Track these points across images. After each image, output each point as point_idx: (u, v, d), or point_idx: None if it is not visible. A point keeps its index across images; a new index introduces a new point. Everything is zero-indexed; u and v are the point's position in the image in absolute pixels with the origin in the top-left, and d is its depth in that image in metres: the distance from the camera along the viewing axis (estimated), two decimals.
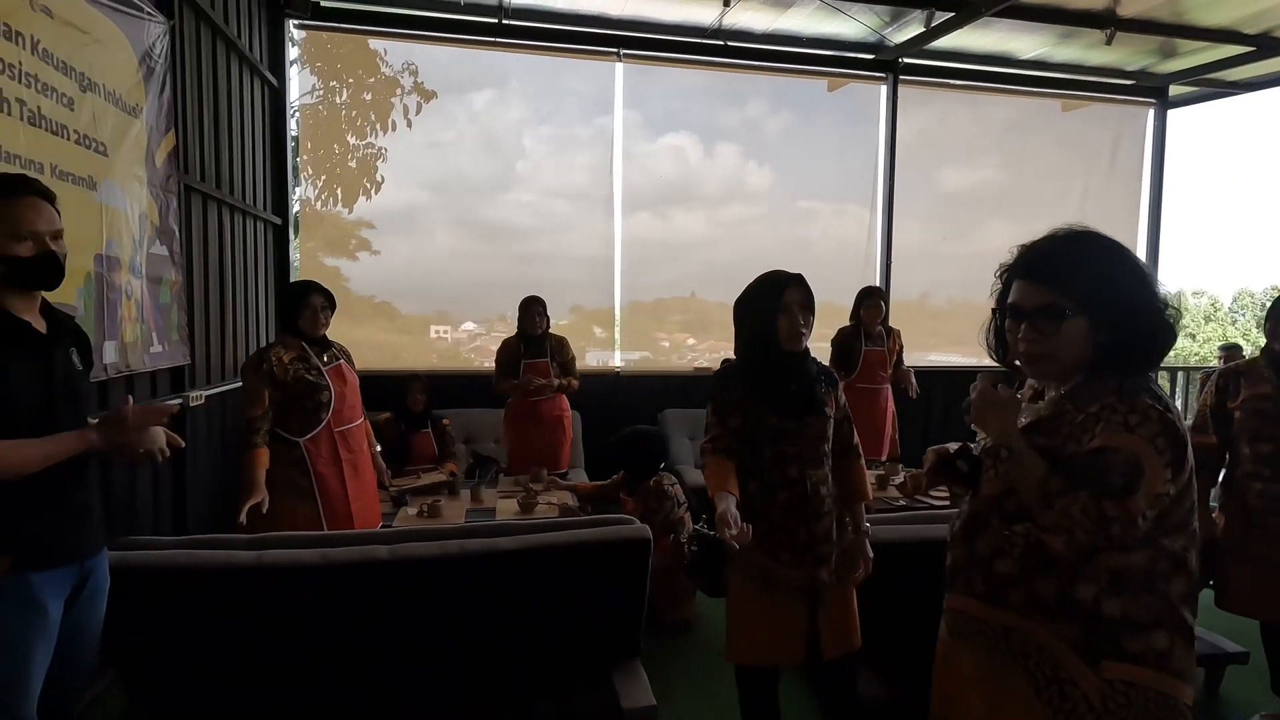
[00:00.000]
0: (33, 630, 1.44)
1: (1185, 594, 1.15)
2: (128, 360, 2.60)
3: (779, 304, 1.84)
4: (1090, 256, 1.21)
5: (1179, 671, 1.14)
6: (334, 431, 2.75)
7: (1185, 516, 1.16)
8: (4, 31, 1.91)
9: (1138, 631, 1.12)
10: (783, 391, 1.84)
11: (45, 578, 1.46)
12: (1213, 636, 2.69)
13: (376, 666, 2.09)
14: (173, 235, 3.03)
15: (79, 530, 1.54)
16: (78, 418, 1.53)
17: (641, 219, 5.72)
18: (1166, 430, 1.09)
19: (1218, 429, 2.45)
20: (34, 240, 1.42)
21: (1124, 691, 1.12)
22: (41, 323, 1.50)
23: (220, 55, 3.68)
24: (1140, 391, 1.13)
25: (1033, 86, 6.06)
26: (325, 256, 5.24)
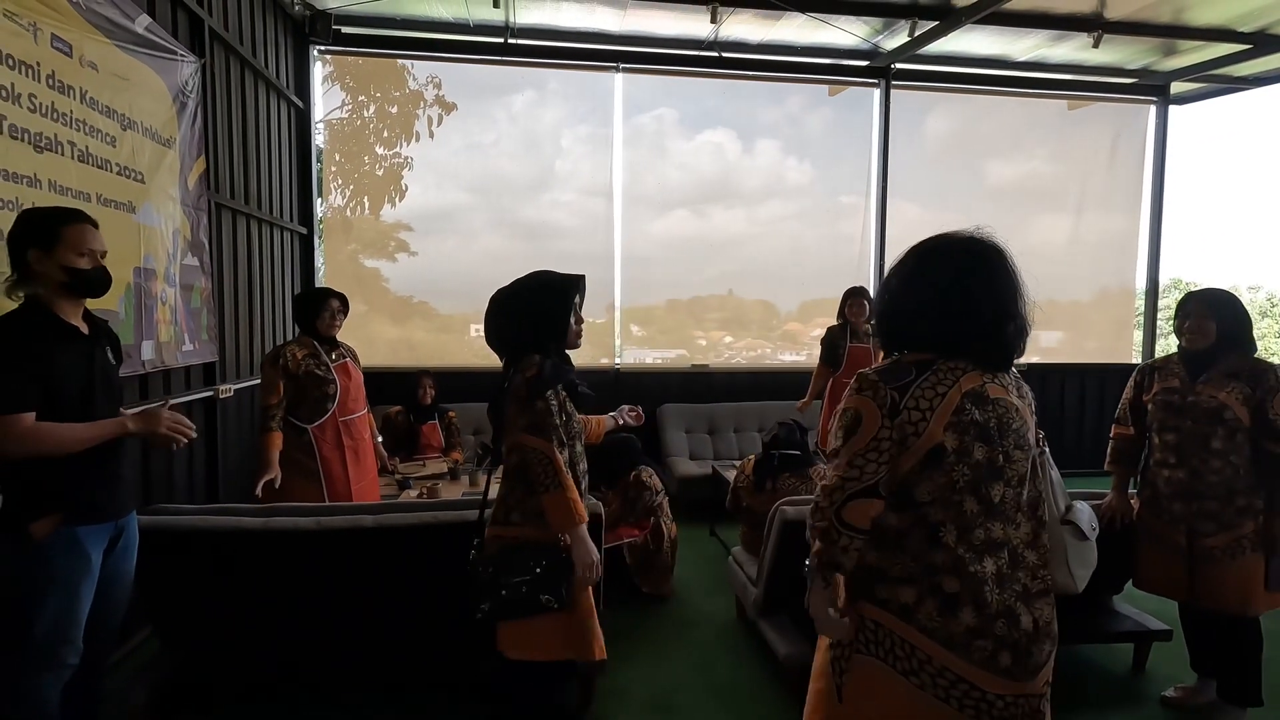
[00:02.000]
0: (80, 573, 1.79)
1: (946, 564, 1.23)
2: (163, 358, 3.02)
3: (570, 304, 1.89)
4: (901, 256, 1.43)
5: (930, 630, 1.22)
6: (338, 421, 3.12)
7: (941, 492, 1.23)
8: (59, 87, 2.31)
9: (886, 582, 1.27)
10: (579, 388, 1.94)
11: (89, 531, 1.81)
12: (1139, 615, 2.86)
13: (361, 616, 2.44)
14: (203, 247, 3.45)
15: (115, 494, 1.89)
16: (112, 403, 1.89)
17: (680, 216, 5.92)
18: (882, 398, 1.25)
19: (1135, 421, 2.63)
20: (90, 257, 1.78)
21: (872, 628, 1.28)
22: (84, 326, 1.86)
23: (249, 84, 4.12)
24: (884, 371, 1.30)
25: (1034, 88, 6.14)
26: (366, 258, 5.65)
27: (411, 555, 2.38)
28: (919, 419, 1.23)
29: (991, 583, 1.22)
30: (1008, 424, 1.27)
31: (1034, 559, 1.28)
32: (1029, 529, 1.29)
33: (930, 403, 1.24)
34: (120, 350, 2.00)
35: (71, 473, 1.76)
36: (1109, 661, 2.90)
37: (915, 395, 1.24)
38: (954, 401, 1.24)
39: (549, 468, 1.77)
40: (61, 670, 1.79)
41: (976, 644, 1.22)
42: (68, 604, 1.78)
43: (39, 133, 2.22)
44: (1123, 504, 2.62)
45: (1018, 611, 1.23)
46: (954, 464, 1.23)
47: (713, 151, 5.99)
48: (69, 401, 1.75)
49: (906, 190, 6.12)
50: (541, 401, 1.79)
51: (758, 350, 6.15)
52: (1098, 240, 6.41)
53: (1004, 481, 1.26)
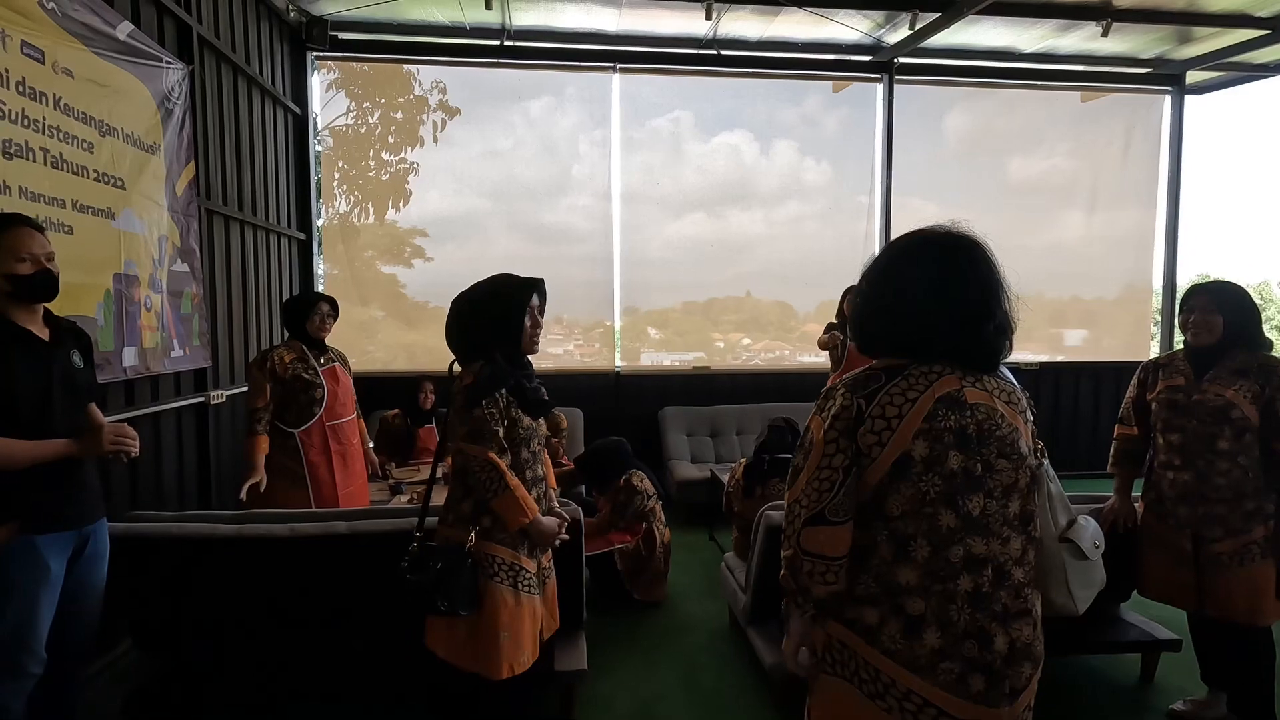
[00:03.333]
0: (38, 582, 1.77)
1: (913, 584, 1.16)
2: (147, 364, 3.02)
3: (521, 308, 1.85)
4: (874, 257, 1.35)
5: (893, 652, 1.16)
6: (326, 425, 3.09)
7: (909, 504, 1.16)
8: (30, 94, 2.31)
9: (852, 602, 1.21)
10: (533, 393, 1.89)
11: (48, 540, 1.78)
12: (1146, 623, 2.73)
13: (338, 624, 2.40)
14: (193, 254, 3.45)
15: (78, 502, 1.86)
16: (76, 409, 1.87)
17: (696, 219, 5.90)
18: (838, 413, 1.19)
19: (1139, 421, 2.51)
20: (31, 260, 1.75)
21: (839, 649, 1.22)
22: (44, 331, 1.83)
23: (241, 91, 4.13)
24: (852, 380, 1.22)
25: (1043, 80, 5.99)
26: (382, 264, 5.69)
27: (387, 562, 2.34)
28: (883, 428, 1.16)
29: (962, 601, 1.15)
30: (989, 430, 1.18)
31: (1020, 577, 1.20)
32: (1019, 545, 1.20)
33: (899, 409, 1.16)
34: (91, 352, 1.97)
35: (29, 480, 1.73)
36: (1116, 672, 2.78)
37: (882, 403, 1.17)
38: (925, 407, 1.15)
39: (493, 473, 1.75)
40: (23, 679, 1.76)
41: (942, 666, 1.14)
42: (26, 613, 1.75)
43: (8, 139, 2.21)
44: (1125, 507, 2.51)
45: (991, 632, 1.15)
46: (922, 474, 1.15)
47: (729, 153, 5.96)
48: (24, 412, 1.72)
49: (923, 188, 6.04)
50: (479, 409, 1.77)
51: (776, 352, 6.09)
52: (1114, 236, 6.24)
53: (984, 493, 1.17)
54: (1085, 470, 5.85)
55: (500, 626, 1.80)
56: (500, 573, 1.81)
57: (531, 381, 1.90)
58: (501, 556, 1.82)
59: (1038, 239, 6.21)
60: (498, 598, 1.80)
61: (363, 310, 5.69)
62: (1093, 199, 6.21)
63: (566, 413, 4.89)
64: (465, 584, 1.77)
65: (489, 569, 1.81)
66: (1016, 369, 6.00)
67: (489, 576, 1.81)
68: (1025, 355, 6.18)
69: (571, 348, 5.88)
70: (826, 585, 1.19)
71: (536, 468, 1.92)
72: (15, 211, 1.91)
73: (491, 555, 1.81)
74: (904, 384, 1.17)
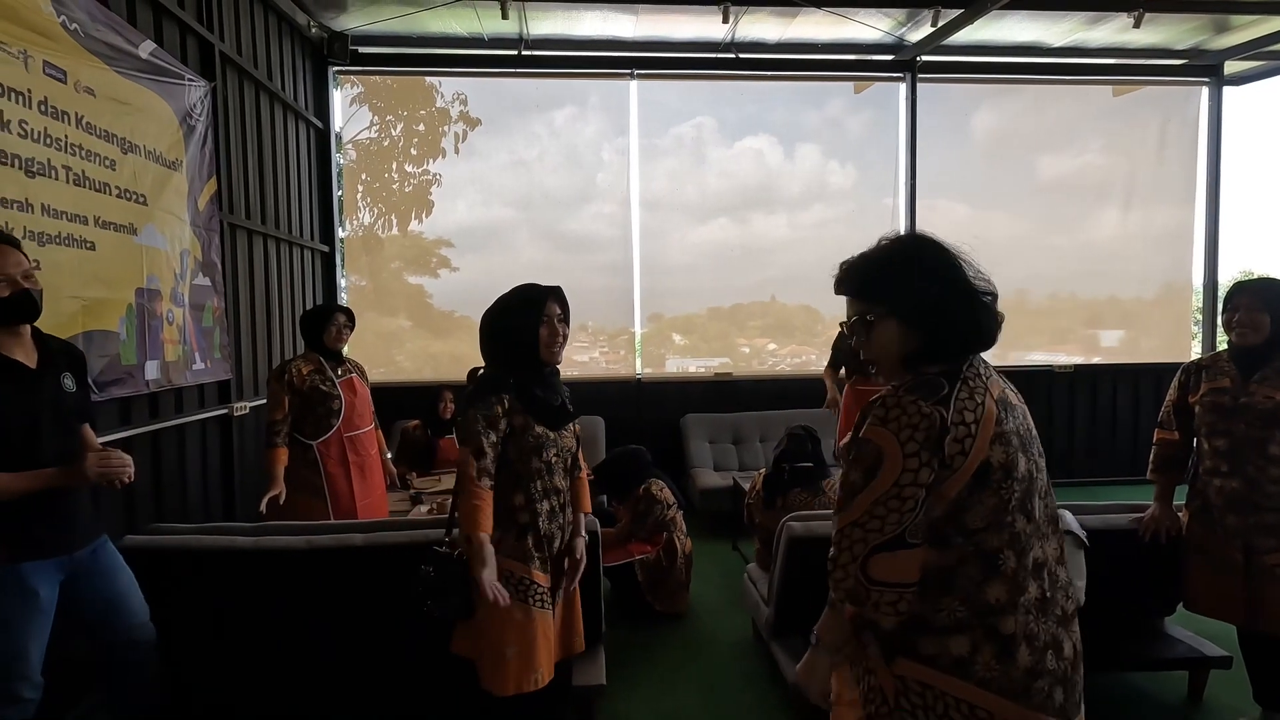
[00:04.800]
0: (25, 610, 1.73)
1: (1003, 601, 1.09)
2: (169, 377, 3.05)
3: (541, 315, 1.84)
4: (888, 263, 1.24)
5: (985, 680, 1.08)
6: (344, 436, 3.09)
7: (993, 515, 1.10)
8: (52, 113, 2.35)
9: (932, 633, 1.10)
10: (547, 401, 1.86)
11: (33, 567, 1.74)
12: (1194, 639, 2.60)
13: (354, 637, 2.38)
14: (215, 267, 3.50)
15: (63, 529, 1.81)
16: (66, 434, 1.81)
17: (721, 224, 5.87)
18: (916, 423, 1.08)
19: (1180, 425, 2.39)
20: (7, 281, 1.66)
21: (919, 691, 1.10)
22: (32, 354, 1.77)
23: (264, 106, 4.19)
24: (916, 388, 1.12)
25: (1073, 74, 5.83)
26: (409, 275, 5.75)
27: (403, 574, 2.32)
28: (965, 435, 1.09)
29: (1036, 611, 1.11)
30: (1029, 429, 1.18)
31: (1064, 576, 1.17)
32: (1055, 544, 1.18)
33: (975, 414, 1.10)
34: (85, 373, 1.93)
35: (11, 510, 1.69)
36: (1161, 691, 2.64)
37: (959, 408, 1.10)
38: (993, 411, 1.12)
39: (464, 475, 1.75)
40: (20, 704, 1.74)
41: (1035, 686, 1.09)
42: (16, 641, 1.73)
43: (30, 158, 2.25)
44: (1167, 515, 2.38)
45: (1061, 639, 1.12)
46: (1001, 481, 1.10)
47: (753, 158, 5.93)
48: (10, 441, 1.68)
49: (952, 189, 5.92)
50: (471, 410, 1.78)
51: (802, 356, 6.02)
52: (1151, 234, 6.03)
53: (1038, 494, 1.15)
54: (1126, 476, 5.64)
55: (507, 641, 1.76)
56: (508, 585, 1.78)
57: (549, 390, 1.86)
58: (509, 569, 1.79)
59: (1071, 238, 6.04)
60: (504, 612, 1.76)
61: (390, 321, 5.75)
62: (1128, 196, 6.01)
63: (588, 420, 4.87)
64: (456, 589, 1.77)
65: None
66: (1050, 371, 5.82)
67: None
68: (1059, 357, 5.99)
69: (597, 354, 5.86)
70: (898, 615, 1.10)
71: (550, 478, 1.88)
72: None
73: (499, 567, 1.78)
74: (968, 388, 1.12)
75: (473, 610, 1.78)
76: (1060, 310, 6.13)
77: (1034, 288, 6.10)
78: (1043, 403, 5.79)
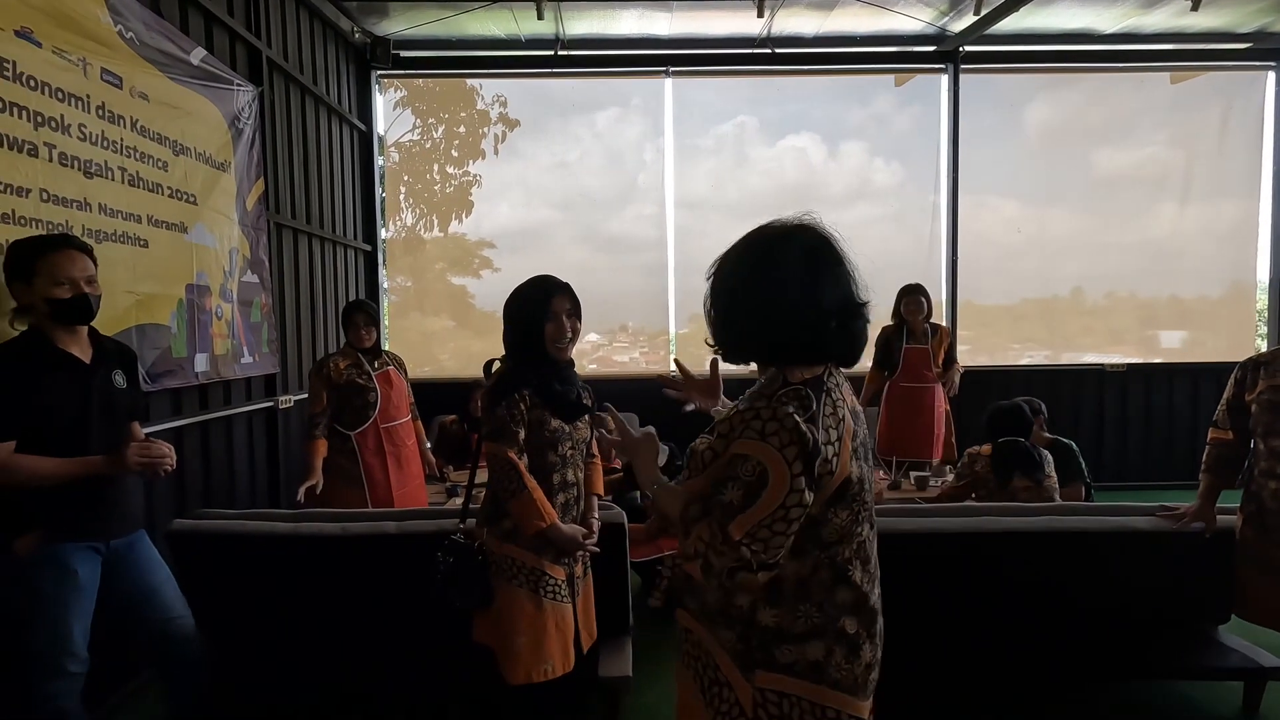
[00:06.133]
0: (66, 588, 1.82)
1: (851, 603, 1.10)
2: (218, 370, 3.18)
3: (548, 310, 1.84)
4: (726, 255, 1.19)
5: (836, 681, 1.09)
6: (380, 428, 3.18)
7: (846, 528, 1.09)
8: (109, 117, 2.48)
9: (791, 641, 1.09)
10: (564, 395, 1.86)
11: (72, 548, 1.83)
12: (1249, 648, 2.46)
13: (386, 623, 2.44)
14: (263, 265, 3.63)
15: (102, 515, 1.89)
16: (114, 429, 1.91)
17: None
18: (799, 440, 1.02)
19: (1235, 424, 2.28)
20: (70, 285, 1.78)
21: (775, 701, 1.09)
22: (87, 351, 1.88)
23: (309, 110, 4.33)
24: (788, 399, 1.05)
25: (1128, 62, 5.59)
26: (453, 276, 5.90)
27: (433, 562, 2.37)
28: (833, 454, 1.06)
29: (877, 610, 1.16)
30: (867, 435, 1.19)
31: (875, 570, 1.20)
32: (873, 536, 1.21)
33: (838, 431, 1.07)
34: (135, 371, 2.04)
35: (52, 493, 1.78)
36: (1214, 701, 2.52)
37: (825, 427, 1.05)
38: (850, 425, 1.10)
39: (511, 473, 1.74)
40: (67, 679, 1.83)
41: (870, 678, 1.14)
42: (59, 618, 1.81)
43: (89, 160, 2.38)
44: (1207, 513, 2.26)
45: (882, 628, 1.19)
46: (857, 494, 1.10)
47: (796, 157, 5.88)
48: (60, 431, 1.79)
49: (1001, 185, 5.76)
50: (500, 408, 1.78)
51: None
52: (1215, 229, 5.74)
53: (868, 500, 1.15)
54: (1185, 480, 5.37)
55: (517, 631, 1.78)
56: (519, 575, 1.80)
57: (565, 384, 1.87)
58: (521, 560, 1.81)
59: (1129, 235, 5.78)
60: (515, 601, 1.78)
61: (434, 320, 5.88)
62: (1189, 189, 5.73)
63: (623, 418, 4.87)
64: (474, 580, 1.78)
65: (507, 570, 1.80)
66: (1101, 371, 5.60)
67: (508, 578, 1.80)
68: (1113, 357, 5.75)
69: (637, 355, 5.88)
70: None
71: (567, 471, 1.89)
72: (62, 233, 2.01)
73: (511, 557, 1.80)
74: (830, 401, 1.08)
75: (491, 600, 1.82)
76: (1118, 310, 5.88)
77: (1089, 286, 5.87)
78: (1092, 403, 5.58)
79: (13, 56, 2.09)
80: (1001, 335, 5.95)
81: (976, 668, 2.47)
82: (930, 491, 3.54)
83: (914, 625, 2.35)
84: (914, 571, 2.21)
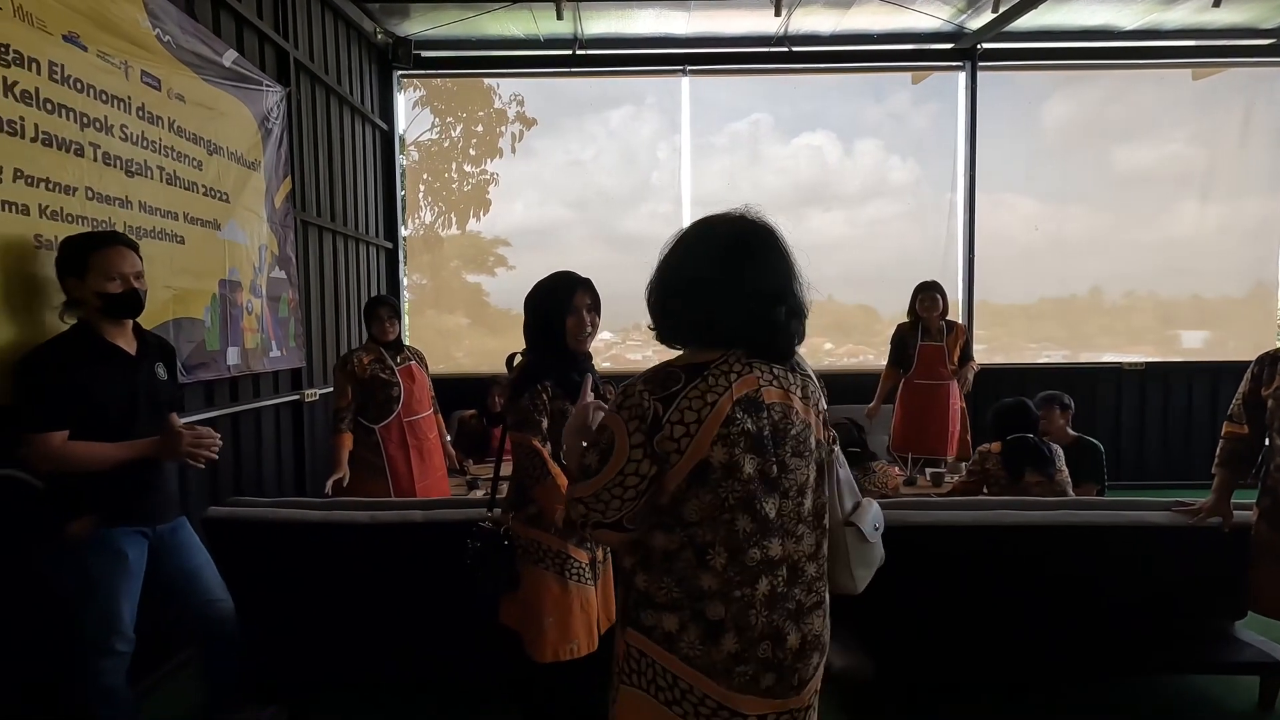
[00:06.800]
0: (116, 570, 1.92)
1: (716, 590, 1.13)
2: (249, 363, 3.28)
3: (570, 305, 1.91)
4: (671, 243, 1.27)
5: (689, 657, 1.14)
6: (403, 421, 3.26)
7: (709, 511, 1.12)
8: (149, 118, 2.57)
9: (653, 608, 1.16)
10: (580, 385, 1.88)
11: (121, 532, 1.93)
12: (1265, 644, 2.47)
13: (412, 610, 2.52)
14: (290, 261, 3.73)
15: (149, 500, 2.00)
16: (158, 418, 2.01)
17: (778, 222, 5.85)
18: (642, 415, 1.11)
19: (1250, 419, 2.30)
20: (121, 280, 1.89)
21: (637, 658, 1.18)
22: (133, 344, 1.98)
23: (334, 110, 4.42)
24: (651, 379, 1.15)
25: (1149, 58, 5.56)
26: (467, 273, 5.98)
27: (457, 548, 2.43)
28: (682, 434, 1.10)
29: (760, 605, 1.13)
30: (785, 430, 1.15)
31: (813, 571, 1.19)
32: (812, 540, 1.19)
33: (698, 414, 1.10)
34: (174, 364, 2.13)
35: (104, 478, 1.87)
36: (1230, 696, 2.53)
37: (680, 407, 1.10)
38: (724, 411, 1.11)
39: (535, 460, 1.80)
40: (115, 657, 1.92)
41: (738, 670, 1.14)
42: (110, 599, 1.91)
43: (130, 159, 2.47)
44: (1222, 508, 2.28)
45: (785, 631, 1.15)
46: (721, 480, 1.11)
47: (811, 155, 5.88)
48: (110, 420, 1.88)
49: (1019, 184, 5.75)
50: (524, 399, 1.84)
51: (860, 356, 5.94)
52: (1239, 227, 5.68)
53: (780, 494, 1.14)
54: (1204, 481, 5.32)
55: (544, 611, 1.84)
56: (546, 559, 1.86)
57: (583, 374, 1.93)
58: (548, 544, 1.87)
59: (1149, 233, 5.75)
60: (541, 583, 1.84)
61: (450, 318, 5.96)
62: (1211, 187, 5.68)
63: None
64: (502, 565, 1.85)
65: (534, 553, 1.87)
66: (1119, 369, 5.57)
67: (534, 561, 1.86)
68: (1131, 356, 5.72)
69: (650, 354, 5.92)
70: None
71: None
72: (112, 230, 2.11)
73: (537, 541, 1.86)
74: (703, 385, 1.12)
75: (518, 583, 1.88)
76: (1138, 309, 5.84)
77: (1108, 286, 5.83)
78: (1109, 402, 5.55)
79: (61, 60, 2.18)
80: (1018, 334, 5.93)
81: (989, 661, 2.50)
82: (944, 488, 3.56)
83: (927, 618, 2.41)
84: (927, 564, 2.25)
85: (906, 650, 2.44)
